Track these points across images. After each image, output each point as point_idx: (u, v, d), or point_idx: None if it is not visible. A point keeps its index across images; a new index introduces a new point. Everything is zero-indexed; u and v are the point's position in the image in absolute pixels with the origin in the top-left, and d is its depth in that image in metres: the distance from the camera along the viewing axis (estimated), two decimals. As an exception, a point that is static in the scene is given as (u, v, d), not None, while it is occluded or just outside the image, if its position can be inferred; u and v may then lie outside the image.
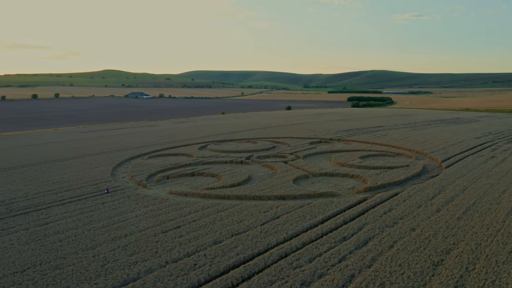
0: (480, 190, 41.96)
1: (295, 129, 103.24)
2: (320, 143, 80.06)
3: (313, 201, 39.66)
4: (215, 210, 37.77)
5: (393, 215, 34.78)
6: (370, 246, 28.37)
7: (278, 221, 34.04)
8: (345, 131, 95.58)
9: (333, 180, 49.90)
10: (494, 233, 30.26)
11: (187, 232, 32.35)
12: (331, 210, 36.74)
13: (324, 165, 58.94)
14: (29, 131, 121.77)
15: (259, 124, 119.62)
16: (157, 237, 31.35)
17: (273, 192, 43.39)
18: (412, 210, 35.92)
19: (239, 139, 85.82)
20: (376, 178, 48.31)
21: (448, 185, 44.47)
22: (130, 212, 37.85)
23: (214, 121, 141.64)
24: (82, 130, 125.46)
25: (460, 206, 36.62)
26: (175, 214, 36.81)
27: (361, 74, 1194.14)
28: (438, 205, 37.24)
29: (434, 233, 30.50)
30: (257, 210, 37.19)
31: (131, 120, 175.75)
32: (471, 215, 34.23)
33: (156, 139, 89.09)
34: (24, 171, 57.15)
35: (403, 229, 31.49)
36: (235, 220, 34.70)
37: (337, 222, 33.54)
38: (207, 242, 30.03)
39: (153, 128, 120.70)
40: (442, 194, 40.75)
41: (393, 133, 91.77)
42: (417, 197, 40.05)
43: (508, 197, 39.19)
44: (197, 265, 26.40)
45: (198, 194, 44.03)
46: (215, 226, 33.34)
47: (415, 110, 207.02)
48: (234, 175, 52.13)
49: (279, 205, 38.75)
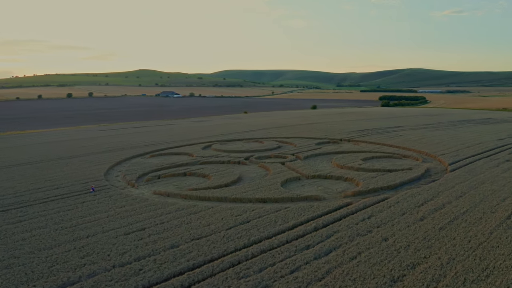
0: (478, 197, 38.45)
1: (308, 128, 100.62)
2: (328, 144, 77.37)
3: (293, 205, 37.70)
4: (188, 212, 36.62)
5: (371, 222, 32.29)
6: (330, 257, 26.24)
7: (246, 226, 32.42)
8: (359, 131, 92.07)
9: (325, 183, 47.55)
10: (475, 246, 27.26)
11: (149, 234, 31.35)
12: (307, 215, 34.68)
13: (322, 166, 56.54)
14: (52, 129, 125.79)
15: (275, 124, 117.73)
16: (117, 239, 30.54)
17: (255, 194, 41.72)
18: (393, 218, 33.25)
19: (247, 139, 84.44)
20: (370, 181, 45.55)
21: (445, 190, 41.14)
22: (104, 212, 37.35)
23: (232, 120, 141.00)
24: (102, 128, 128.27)
25: (448, 215, 33.56)
26: (146, 216, 35.95)
27: (397, 73, 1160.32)
28: (424, 213, 34.32)
29: (408, 244, 27.88)
30: (230, 214, 35.69)
31: (154, 119, 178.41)
32: (457, 225, 31.19)
33: (167, 138, 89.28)
34: (26, 168, 58.36)
35: (375, 238, 29.03)
36: (203, 224, 33.38)
37: (308, 228, 31.50)
38: (164, 246, 28.89)
39: (170, 126, 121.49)
40: (433, 201, 37.65)
41: (410, 133, 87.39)
42: (405, 203, 37.18)
43: (507, 205, 35.59)
44: (142, 270, 25.30)
45: (179, 195, 43.08)
46: (179, 229, 32.16)
47: (446, 110, 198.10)
48: (224, 175, 50.84)
49: (255, 208, 37.08)
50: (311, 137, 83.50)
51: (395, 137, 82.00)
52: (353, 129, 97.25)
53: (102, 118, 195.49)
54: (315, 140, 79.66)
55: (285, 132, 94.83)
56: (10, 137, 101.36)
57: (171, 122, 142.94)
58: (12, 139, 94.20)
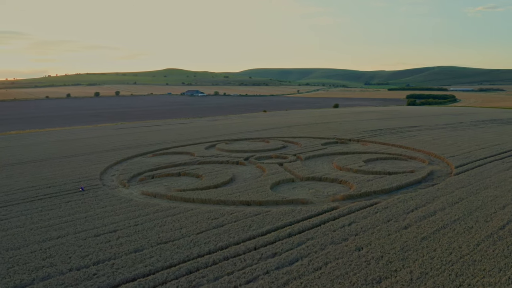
0: (476, 203, 35.60)
1: (320, 128, 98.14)
2: (335, 144, 74.99)
3: (275, 209, 36.12)
4: (165, 214, 35.71)
5: (350, 229, 30.30)
6: (293, 267, 24.58)
7: (218, 230, 31.14)
8: (372, 131, 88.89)
9: (317, 185, 45.60)
10: (455, 259, 24.90)
11: (118, 237, 30.61)
12: (285, 220, 33.03)
13: (321, 168, 54.48)
14: (68, 127, 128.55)
15: (288, 123, 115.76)
16: (85, 241, 29.95)
17: (240, 197, 40.36)
18: (375, 225, 31.11)
19: (254, 138, 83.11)
20: (364, 185, 43.26)
21: (441, 196, 38.41)
22: (84, 213, 36.99)
23: (247, 119, 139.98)
24: (119, 127, 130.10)
25: (436, 223, 31.09)
26: (123, 217, 35.29)
27: (427, 71, 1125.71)
28: (411, 220, 31.96)
29: (381, 255, 25.82)
30: (206, 217, 34.51)
31: (172, 117, 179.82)
32: (442, 235, 28.76)
33: (176, 137, 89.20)
34: (27, 166, 59.31)
35: (348, 247, 27.10)
36: (176, 227, 32.34)
37: (281, 234, 29.88)
38: (128, 250, 28.05)
39: (183, 125, 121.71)
40: (425, 207, 35.12)
41: (425, 133, 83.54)
42: (393, 209, 34.86)
43: (505, 213, 32.67)
44: (96, 275, 24.50)
45: (165, 196, 42.30)
46: (150, 232, 31.26)
47: (473, 108, 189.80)
48: (217, 176, 49.73)
49: (235, 212, 35.74)
50: (319, 137, 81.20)
51: (407, 137, 78.53)
52: (366, 128, 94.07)
53: (123, 116, 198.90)
54: (323, 140, 77.36)
55: (296, 131, 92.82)
56: (22, 135, 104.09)
57: (187, 120, 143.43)
58: (24, 138, 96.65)
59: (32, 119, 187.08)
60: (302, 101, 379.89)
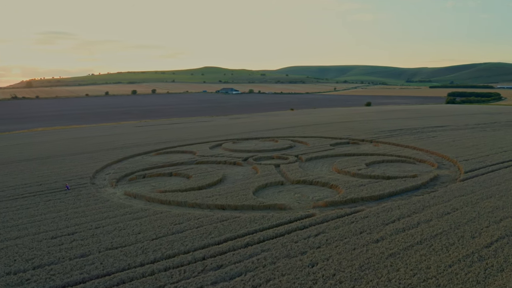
0: (470, 215, 31.58)
1: (337, 127, 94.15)
2: (346, 144, 71.33)
3: (246, 215, 33.89)
4: (132, 217, 34.45)
5: (313, 241, 27.56)
6: (231, 283, 22.37)
7: (174, 237, 29.39)
8: (390, 131, 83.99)
9: (305, 190, 42.77)
10: (416, 283, 21.65)
11: (73, 240, 29.62)
12: (250, 227, 30.75)
13: (318, 170, 51.47)
14: (90, 125, 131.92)
15: (307, 122, 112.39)
16: (40, 243, 29.18)
17: (218, 200, 38.42)
18: (344, 237, 28.16)
19: (264, 137, 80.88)
20: (353, 190, 39.98)
21: (435, 205, 34.56)
22: (56, 212, 36.49)
23: (268, 118, 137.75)
24: (142, 124, 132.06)
25: (413, 237, 27.66)
26: (90, 219, 34.36)
27: (472, 67, 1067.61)
28: (386, 232, 28.69)
29: (334, 273, 23.02)
30: (171, 221, 32.90)
31: (199, 115, 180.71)
32: (415, 252, 25.40)
33: (187, 135, 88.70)
34: (31, 163, 60.48)
35: (301, 262, 24.48)
36: (135, 231, 30.94)
37: (238, 244, 27.67)
38: (74, 254, 26.93)
39: (202, 123, 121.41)
40: (410, 218, 31.59)
41: (448, 134, 77.74)
42: (373, 219, 31.61)
43: (498, 228, 28.58)
44: (29, 280, 23.49)
45: (144, 197, 41.18)
46: (106, 236, 30.04)
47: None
48: (205, 177, 48.09)
49: (203, 216, 33.86)
50: (331, 137, 77.63)
51: (426, 138, 73.32)
52: (385, 128, 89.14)
53: (152, 114, 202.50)
54: (334, 140, 73.84)
55: (310, 130, 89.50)
56: (46, 132, 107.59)
57: (209, 118, 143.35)
58: (46, 134, 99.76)
59: (67, 116, 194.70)
60: (335, 99, 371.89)
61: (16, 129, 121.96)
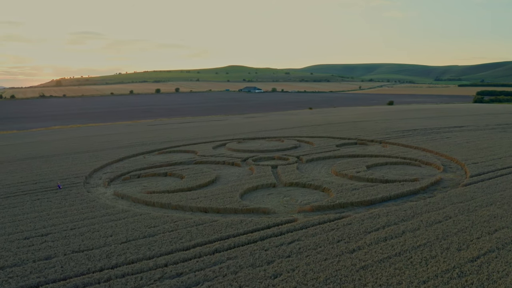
0: (462, 224, 29.11)
1: (348, 127, 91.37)
2: (353, 145, 68.87)
3: (225, 219, 32.59)
4: (110, 219, 33.77)
5: (284, 250, 25.95)
6: (184, 293, 21.13)
7: (144, 241, 28.43)
8: (403, 132, 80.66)
9: (296, 193, 41.02)
10: (381, 299, 19.78)
11: (44, 241, 29.15)
12: (225, 232, 29.43)
13: (316, 172, 49.56)
14: (107, 123, 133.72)
15: (320, 121, 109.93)
16: (11, 244, 28.85)
17: (202, 202, 37.28)
18: (318, 246, 26.39)
19: (271, 137, 79.34)
20: (344, 194, 37.96)
21: (427, 212, 32.18)
22: (39, 212, 36.32)
23: (283, 117, 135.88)
24: (156, 123, 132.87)
25: (393, 248, 25.59)
26: (68, 219, 33.92)
27: (505, 65, 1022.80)
28: (366, 242, 26.72)
29: (296, 285, 21.38)
30: (146, 224, 32.00)
31: (216, 114, 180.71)
32: (389, 265, 23.39)
33: (194, 134, 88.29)
34: (34, 161, 61.29)
35: (264, 273, 22.95)
36: (107, 234, 30.19)
37: (206, 250, 26.40)
38: (39, 257, 26.39)
39: (215, 122, 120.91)
40: (396, 226, 29.43)
41: (463, 135, 73.85)
42: (356, 226, 29.65)
43: (490, 240, 26.08)
44: (-16, 284, 23.01)
45: (131, 198, 40.55)
46: (77, 238, 29.42)
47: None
48: (198, 178, 47.10)
49: (181, 219, 32.78)
50: (339, 137, 75.23)
51: (439, 139, 69.83)
52: (399, 128, 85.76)
53: (171, 112, 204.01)
54: (342, 141, 71.49)
55: (320, 130, 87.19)
56: (62, 130, 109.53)
57: (224, 117, 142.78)
58: (61, 132, 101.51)
59: (87, 114, 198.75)
60: (359, 98, 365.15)
61: (34, 127, 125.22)
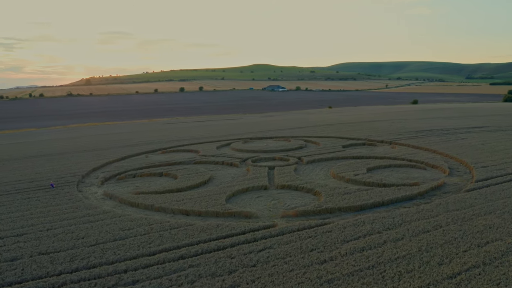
0: (451, 235, 26.70)
1: (362, 127, 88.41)
2: (361, 146, 66.32)
3: (201, 223, 31.41)
4: (89, 220, 33.18)
5: (250, 258, 24.45)
6: (132, 302, 20.03)
7: (113, 244, 27.58)
8: (417, 132, 77.16)
9: (286, 196, 39.33)
10: (337, 318, 18.01)
11: (16, 242, 28.81)
12: (197, 237, 28.20)
13: (313, 174, 47.63)
14: (124, 122, 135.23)
15: (335, 120, 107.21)
16: (-16, 244, 28.66)
17: (185, 204, 36.22)
18: (288, 255, 24.73)
19: (279, 137, 77.70)
20: (333, 199, 35.98)
21: (416, 220, 29.84)
22: (22, 212, 36.21)
23: (299, 116, 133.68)
24: (172, 121, 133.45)
25: (368, 259, 23.62)
26: (48, 219, 33.57)
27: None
28: (340, 252, 24.84)
29: (250, 298, 19.91)
30: (121, 226, 31.19)
31: (237, 113, 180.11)
32: (360, 279, 21.49)
33: (202, 134, 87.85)
34: (37, 160, 62.09)
35: (222, 284, 21.55)
36: (79, 236, 29.55)
37: (171, 256, 25.24)
38: (4, 258, 26.01)
39: (228, 121, 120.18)
40: (378, 235, 27.35)
41: (480, 136, 69.79)
42: (335, 234, 27.75)
43: (478, 254, 23.66)
44: None
45: (117, 198, 40.00)
46: (48, 240, 28.92)
47: None
48: (190, 179, 46.16)
49: (159, 222, 31.81)
50: (348, 137, 72.69)
51: (453, 140, 66.20)
52: (413, 129, 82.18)
53: (192, 111, 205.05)
54: (350, 141, 69.01)
55: (332, 130, 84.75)
56: (77, 129, 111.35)
57: (238, 116, 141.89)
58: (75, 131, 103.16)
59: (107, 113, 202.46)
60: (383, 97, 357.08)
61: (53, 125, 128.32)
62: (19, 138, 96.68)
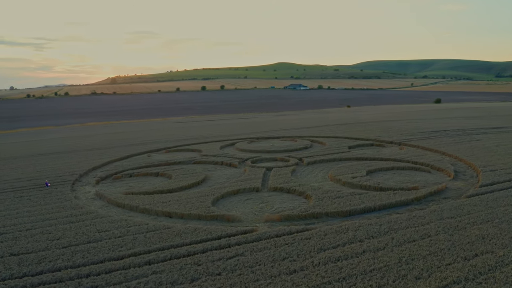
0: (438, 245, 24.70)
1: (375, 127, 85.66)
2: (368, 147, 64.04)
3: (180, 226, 30.48)
4: (71, 220, 32.81)
5: (216, 267, 23.28)
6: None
7: (85, 246, 26.98)
8: (430, 133, 74.01)
9: (276, 199, 37.90)
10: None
11: None
12: (169, 242, 27.27)
13: (311, 176, 46.00)
14: (140, 120, 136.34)
15: (347, 120, 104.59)
16: (-39, 243, 28.65)
17: (169, 206, 35.41)
18: (257, 264, 23.42)
19: (285, 137, 76.18)
20: (321, 203, 34.32)
21: (404, 228, 27.90)
22: (9, 211, 36.22)
23: (314, 115, 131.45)
24: (187, 120, 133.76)
25: (341, 270, 22.04)
26: (32, 219, 33.42)
27: None
28: (313, 261, 23.33)
29: (203, 311, 18.75)
30: (98, 228, 30.63)
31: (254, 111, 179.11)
32: (324, 292, 20.01)
33: (210, 133, 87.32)
34: (41, 158, 62.85)
35: (180, 292, 20.53)
36: (56, 237, 29.12)
37: (137, 261, 24.38)
38: (-25, 260, 25.77)
39: (239, 120, 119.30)
40: (359, 244, 25.64)
41: (496, 138, 66.12)
42: (314, 241, 26.20)
43: (462, 267, 21.65)
44: None
45: (106, 198, 39.62)
46: (25, 240, 28.63)
47: None
48: (185, 179, 45.42)
49: (138, 224, 31.08)
50: (355, 138, 70.41)
51: (467, 141, 62.96)
52: (427, 129, 78.94)
53: (210, 110, 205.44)
54: (358, 141, 66.78)
55: (342, 130, 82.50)
56: (93, 127, 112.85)
57: (252, 115, 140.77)
58: (88, 129, 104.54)
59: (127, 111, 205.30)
60: (407, 95, 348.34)
61: (71, 123, 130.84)
62: (32, 136, 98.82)
